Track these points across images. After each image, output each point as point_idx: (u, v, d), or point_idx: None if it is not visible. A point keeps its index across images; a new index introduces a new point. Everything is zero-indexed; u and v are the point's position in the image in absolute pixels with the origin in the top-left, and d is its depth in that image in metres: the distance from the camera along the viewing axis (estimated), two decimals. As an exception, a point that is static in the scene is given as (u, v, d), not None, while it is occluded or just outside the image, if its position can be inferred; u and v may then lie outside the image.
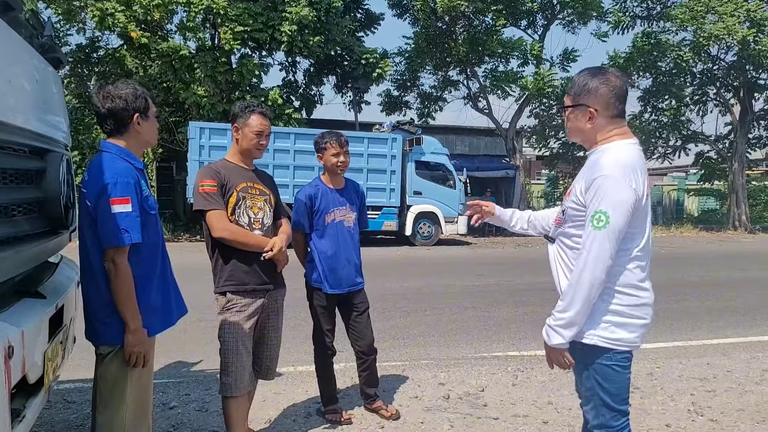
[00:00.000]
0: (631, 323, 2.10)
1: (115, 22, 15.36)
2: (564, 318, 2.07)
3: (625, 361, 2.14)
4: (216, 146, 14.38)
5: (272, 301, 3.16)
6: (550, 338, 2.13)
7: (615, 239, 2.00)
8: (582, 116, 2.17)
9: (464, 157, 23.84)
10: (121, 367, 2.34)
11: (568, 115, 2.24)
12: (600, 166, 2.06)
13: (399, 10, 22.79)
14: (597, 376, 2.14)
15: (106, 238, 2.25)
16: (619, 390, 2.15)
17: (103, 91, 2.38)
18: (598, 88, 2.13)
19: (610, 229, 1.98)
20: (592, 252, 2.00)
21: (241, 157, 3.12)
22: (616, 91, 2.13)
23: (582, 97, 2.16)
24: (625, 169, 2.03)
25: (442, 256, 14.22)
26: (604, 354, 2.12)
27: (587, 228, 2.04)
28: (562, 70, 22.54)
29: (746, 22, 20.35)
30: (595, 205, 2.01)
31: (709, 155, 27.00)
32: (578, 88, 2.18)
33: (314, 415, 3.81)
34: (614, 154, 2.08)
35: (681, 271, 10.62)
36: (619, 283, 2.07)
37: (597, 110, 2.13)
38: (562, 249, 2.25)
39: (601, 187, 2.01)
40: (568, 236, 2.21)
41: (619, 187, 2.00)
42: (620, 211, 1.99)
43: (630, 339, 2.11)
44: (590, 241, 2.01)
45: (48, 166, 2.34)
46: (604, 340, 2.10)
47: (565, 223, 2.22)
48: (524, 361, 5.18)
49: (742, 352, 5.58)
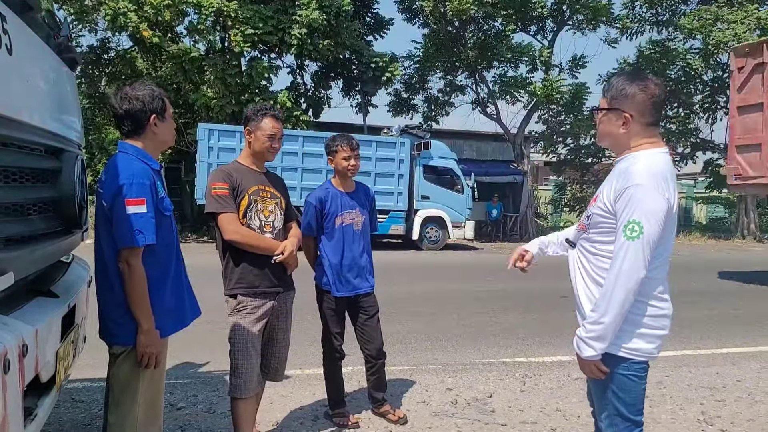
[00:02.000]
0: (650, 333, 2.09)
1: (127, 21, 15.44)
2: (596, 330, 2.04)
3: (642, 372, 2.12)
4: (225, 148, 14.42)
5: (282, 303, 3.16)
6: (581, 351, 2.10)
7: (649, 250, 1.97)
8: (616, 120, 2.13)
9: (472, 162, 23.77)
10: (134, 367, 2.35)
11: (600, 117, 2.19)
12: (631, 174, 2.02)
13: (409, 14, 22.82)
14: (613, 385, 2.12)
15: (121, 238, 2.25)
16: (634, 400, 2.13)
17: (121, 92, 2.39)
18: (636, 94, 2.08)
19: (644, 240, 1.95)
20: (626, 263, 1.97)
21: (254, 160, 3.12)
22: (654, 99, 2.08)
23: (618, 102, 2.12)
24: (657, 178, 2.00)
25: (449, 261, 14.20)
26: (622, 364, 2.10)
27: (619, 238, 2.00)
28: (571, 76, 22.50)
29: (757, 29, 20.23)
30: (628, 215, 1.98)
31: (718, 163, 26.84)
32: (615, 92, 2.13)
33: (321, 418, 3.80)
34: (645, 163, 2.04)
35: (689, 279, 10.57)
36: (641, 293, 2.03)
37: (632, 116, 2.09)
38: (582, 254, 2.22)
39: (634, 196, 1.97)
40: (591, 242, 2.18)
41: (652, 197, 1.97)
42: (654, 221, 1.96)
43: (648, 349, 2.09)
44: (624, 252, 1.97)
45: (63, 166, 2.35)
46: (623, 350, 2.08)
47: (590, 228, 2.19)
48: (532, 368, 5.16)
49: (752, 361, 5.54)
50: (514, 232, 22.00)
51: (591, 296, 2.15)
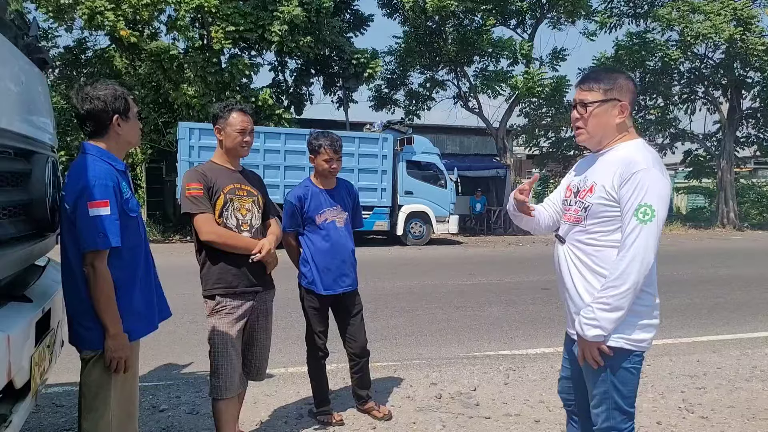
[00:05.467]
0: (648, 324, 2.12)
1: (104, 20, 15.23)
2: (604, 309, 2.03)
3: (639, 364, 2.15)
4: (206, 147, 14.29)
5: (261, 303, 3.14)
6: (585, 330, 2.08)
7: (659, 233, 2.01)
8: (612, 110, 2.16)
9: (455, 156, 23.86)
10: (105, 372, 2.31)
11: (593, 110, 2.18)
12: (636, 160, 2.05)
13: (389, 9, 22.78)
14: (615, 379, 2.13)
15: (84, 241, 2.20)
16: (630, 393, 2.15)
17: (82, 92, 2.34)
18: (628, 85, 2.16)
19: (656, 223, 1.99)
20: (641, 245, 1.99)
21: (228, 158, 3.09)
22: (636, 91, 2.20)
23: (614, 92, 2.15)
24: (661, 164, 2.07)
25: (434, 256, 14.23)
26: (625, 356, 2.11)
27: (631, 222, 2.01)
28: (551, 69, 22.64)
29: (733, 20, 20.48)
30: (639, 199, 2.00)
31: (697, 153, 27.19)
32: (608, 83, 2.16)
33: (306, 417, 3.79)
34: (644, 150, 2.11)
35: (670, 269, 10.68)
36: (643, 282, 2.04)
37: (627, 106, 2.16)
38: (578, 248, 2.21)
39: (643, 180, 2.00)
40: (590, 233, 2.17)
41: (661, 181, 2.02)
42: (663, 204, 2.01)
43: (648, 340, 2.12)
44: (636, 235, 1.99)
45: (34, 168, 2.31)
46: (629, 342, 2.09)
47: (588, 219, 2.17)
48: (516, 360, 5.19)
49: (732, 348, 5.62)
50: (498, 225, 22.10)
51: (591, 289, 2.14)
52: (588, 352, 2.12)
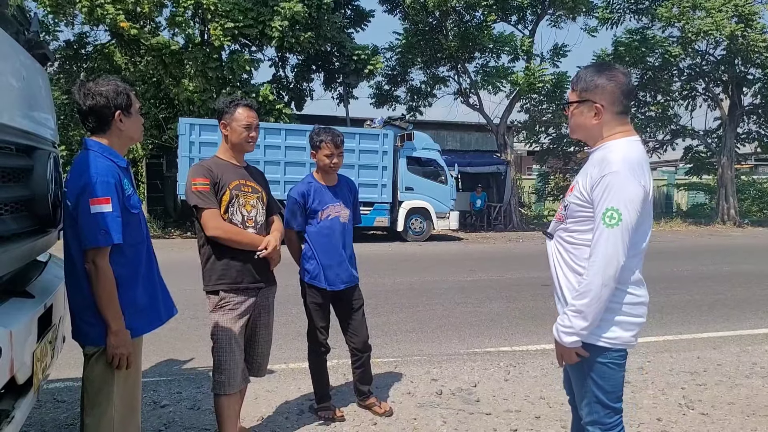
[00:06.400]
0: (628, 321, 2.10)
1: (104, 13, 15.18)
2: (577, 317, 2.04)
3: (620, 359, 2.14)
4: (206, 142, 14.30)
5: (263, 298, 3.14)
6: (562, 338, 2.10)
7: (628, 236, 1.98)
8: (588, 112, 2.15)
9: (455, 152, 23.81)
10: (107, 368, 2.31)
11: (572, 111, 2.20)
12: (608, 162, 2.03)
13: (389, 5, 22.71)
14: (593, 373, 2.14)
15: (86, 238, 2.20)
16: (613, 388, 2.15)
17: (84, 88, 2.33)
18: (605, 85, 2.11)
19: (623, 227, 1.97)
20: (606, 250, 1.98)
21: (233, 154, 3.09)
22: (622, 88, 2.11)
23: (589, 93, 2.14)
24: (633, 166, 2.02)
25: (434, 252, 14.23)
26: (601, 352, 2.11)
27: (598, 226, 2.01)
28: (552, 65, 22.57)
29: (734, 17, 20.42)
30: (606, 203, 1.99)
31: (698, 149, 27.17)
32: (585, 84, 2.15)
33: (307, 413, 3.80)
34: (621, 151, 2.06)
35: (670, 265, 10.69)
36: (619, 280, 2.04)
37: (603, 106, 2.11)
38: (561, 245, 2.23)
39: (611, 183, 1.99)
40: (568, 232, 2.19)
41: (629, 184, 1.99)
42: (631, 207, 1.98)
43: (626, 337, 2.11)
44: (603, 239, 1.99)
45: (35, 164, 2.31)
46: (602, 339, 2.10)
47: (567, 218, 2.19)
48: (516, 357, 5.20)
49: (732, 345, 5.63)
50: (498, 221, 22.10)
51: (571, 286, 2.15)
52: (567, 357, 2.15)
